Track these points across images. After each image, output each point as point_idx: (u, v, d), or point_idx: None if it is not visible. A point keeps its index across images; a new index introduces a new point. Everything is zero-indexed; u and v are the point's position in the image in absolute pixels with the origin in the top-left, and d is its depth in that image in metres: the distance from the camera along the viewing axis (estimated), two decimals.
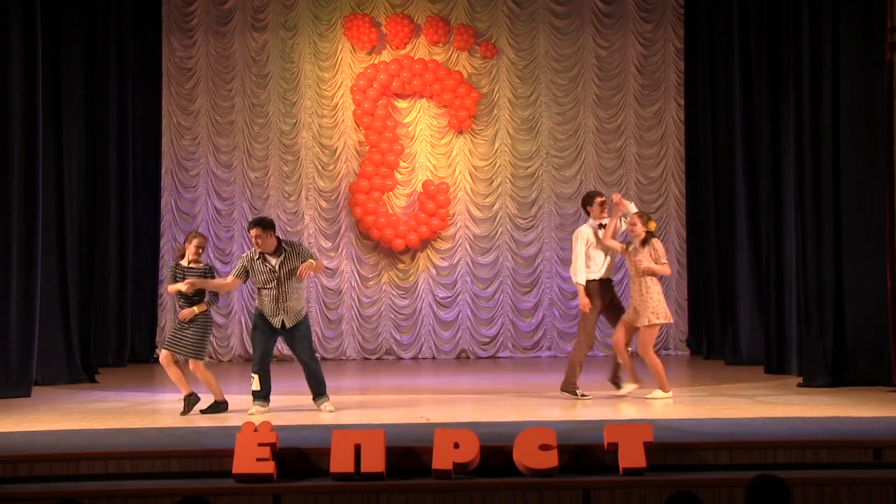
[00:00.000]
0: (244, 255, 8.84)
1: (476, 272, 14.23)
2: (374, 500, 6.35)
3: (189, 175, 14.17)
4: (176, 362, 8.77)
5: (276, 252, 8.60)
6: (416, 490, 6.40)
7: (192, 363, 8.72)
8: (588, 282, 9.44)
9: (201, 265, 8.85)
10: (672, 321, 9.82)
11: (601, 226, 9.55)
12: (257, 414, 8.42)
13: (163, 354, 8.78)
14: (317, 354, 9.85)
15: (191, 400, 8.68)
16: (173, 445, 7.00)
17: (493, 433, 7.01)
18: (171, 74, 14.20)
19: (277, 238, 8.69)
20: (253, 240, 8.60)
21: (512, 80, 14.31)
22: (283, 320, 8.63)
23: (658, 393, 9.21)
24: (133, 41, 13.53)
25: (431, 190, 14.06)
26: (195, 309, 8.66)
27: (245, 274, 8.67)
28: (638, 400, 9.23)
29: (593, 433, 6.86)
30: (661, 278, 9.63)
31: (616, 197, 9.68)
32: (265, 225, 8.61)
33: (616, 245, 9.45)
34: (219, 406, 8.73)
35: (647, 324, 9.16)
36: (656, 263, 9.21)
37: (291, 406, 8.93)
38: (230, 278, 8.82)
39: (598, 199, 9.59)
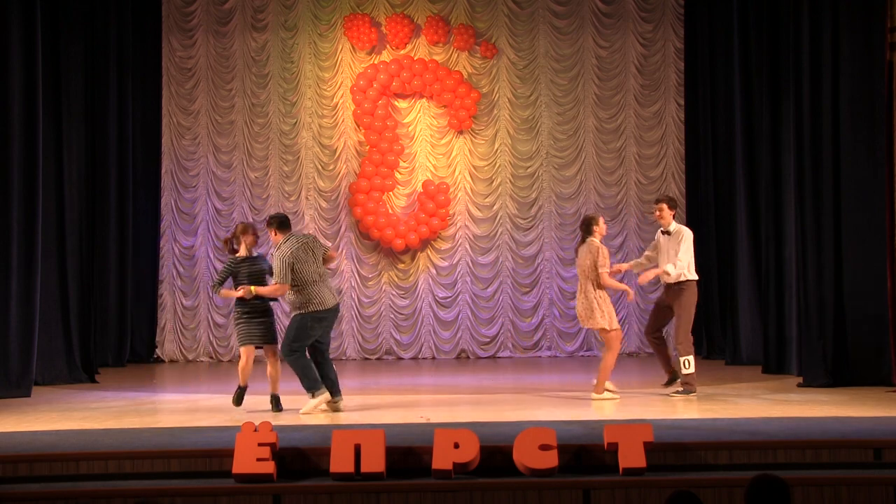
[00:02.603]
0: (288, 251, 8.47)
1: (476, 272, 14.23)
2: (374, 500, 6.35)
3: (189, 175, 14.18)
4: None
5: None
6: (416, 490, 6.40)
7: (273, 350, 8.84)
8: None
9: (255, 257, 8.95)
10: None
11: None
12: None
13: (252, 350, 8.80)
14: None
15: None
16: (173, 445, 6.99)
17: (493, 433, 7.02)
18: (171, 74, 14.21)
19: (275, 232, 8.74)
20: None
21: (512, 80, 14.31)
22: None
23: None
24: (133, 41, 13.54)
25: (431, 190, 14.06)
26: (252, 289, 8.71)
27: (292, 272, 8.47)
28: (638, 400, 9.25)
29: (593, 433, 6.87)
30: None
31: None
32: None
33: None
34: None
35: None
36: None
37: (291, 406, 8.92)
38: (279, 283, 8.51)
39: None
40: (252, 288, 8.67)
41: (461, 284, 14.25)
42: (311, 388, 8.50)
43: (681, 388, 9.42)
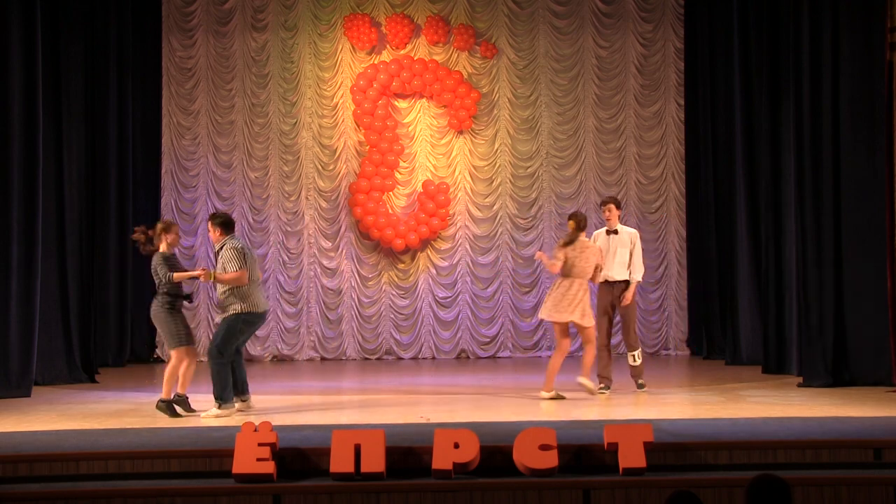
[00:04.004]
0: (240, 245, 8.55)
1: (476, 272, 14.23)
2: (374, 500, 6.36)
3: (189, 175, 14.17)
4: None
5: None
6: (416, 490, 6.40)
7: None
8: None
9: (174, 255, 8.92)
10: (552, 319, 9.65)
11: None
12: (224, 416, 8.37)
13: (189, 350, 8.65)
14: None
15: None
16: (173, 445, 7.00)
17: (493, 433, 7.02)
18: (171, 74, 14.20)
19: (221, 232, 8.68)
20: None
21: (512, 80, 14.31)
22: None
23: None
24: (133, 41, 13.53)
25: (431, 190, 14.06)
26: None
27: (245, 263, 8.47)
28: (638, 400, 9.25)
29: (593, 433, 6.87)
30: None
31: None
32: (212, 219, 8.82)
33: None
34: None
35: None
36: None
37: (291, 406, 8.92)
38: (240, 271, 8.46)
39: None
40: (213, 273, 8.52)
41: (461, 284, 14.25)
42: (223, 399, 8.38)
43: (642, 381, 9.74)
